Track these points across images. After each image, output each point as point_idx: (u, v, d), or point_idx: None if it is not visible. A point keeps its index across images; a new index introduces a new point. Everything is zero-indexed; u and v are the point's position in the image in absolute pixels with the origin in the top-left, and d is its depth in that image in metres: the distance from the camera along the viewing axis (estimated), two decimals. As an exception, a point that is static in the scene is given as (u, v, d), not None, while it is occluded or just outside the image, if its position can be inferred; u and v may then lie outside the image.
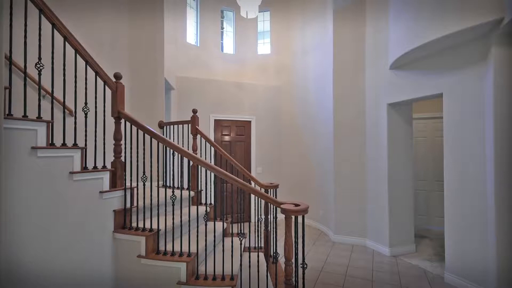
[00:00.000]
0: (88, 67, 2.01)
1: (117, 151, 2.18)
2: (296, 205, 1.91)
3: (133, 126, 2.17)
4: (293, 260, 1.91)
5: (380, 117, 3.96)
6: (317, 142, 5.05)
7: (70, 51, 1.97)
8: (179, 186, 3.80)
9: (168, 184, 3.34)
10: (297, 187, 5.59)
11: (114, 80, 2.17)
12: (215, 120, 5.37)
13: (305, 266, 1.90)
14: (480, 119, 2.72)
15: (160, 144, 2.11)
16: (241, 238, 2.05)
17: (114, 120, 2.18)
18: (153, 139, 2.12)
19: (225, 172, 2.06)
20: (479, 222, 2.73)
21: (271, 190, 3.02)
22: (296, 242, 1.91)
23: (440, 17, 2.69)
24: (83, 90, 2.02)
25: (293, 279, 1.92)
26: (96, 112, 2.09)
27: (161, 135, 2.12)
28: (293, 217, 1.90)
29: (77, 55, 1.94)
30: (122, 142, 2.22)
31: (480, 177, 2.72)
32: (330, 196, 4.56)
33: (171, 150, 2.14)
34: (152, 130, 2.13)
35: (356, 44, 4.31)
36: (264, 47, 6.13)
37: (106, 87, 2.14)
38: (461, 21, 2.51)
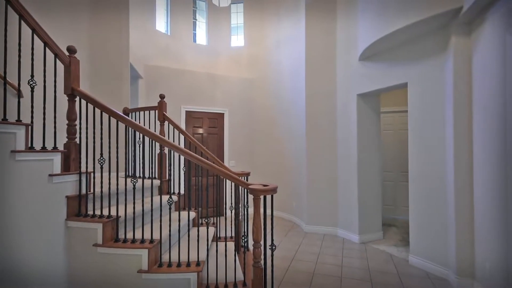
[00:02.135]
0: (35, 36, 1.81)
1: (70, 132, 1.98)
2: (265, 185, 1.86)
3: (94, 108, 1.99)
4: (262, 242, 1.85)
5: (350, 108, 4.05)
6: (290, 135, 5.07)
7: (13, 16, 1.76)
8: (148, 175, 3.60)
9: (132, 174, 3.15)
10: (270, 180, 5.56)
11: (67, 53, 1.98)
12: (186, 111, 5.19)
13: (274, 247, 1.85)
14: (442, 107, 2.86)
15: (124, 129, 1.95)
16: (207, 221, 1.95)
17: (67, 98, 1.98)
18: (115, 122, 1.96)
19: (192, 153, 1.95)
20: (440, 207, 2.86)
21: (243, 177, 2.94)
22: (265, 224, 1.85)
23: (403, 8, 2.78)
24: (30, 62, 1.81)
25: (262, 261, 1.86)
26: (44, 87, 1.88)
27: (122, 114, 1.96)
28: (261, 197, 1.84)
29: (21, 21, 1.74)
30: (77, 123, 2.03)
31: (441, 164, 2.86)
32: (303, 188, 4.59)
33: (132, 131, 2.00)
34: (112, 109, 1.96)
35: (327, 37, 4.38)
36: (237, 40, 6.05)
37: (59, 61, 1.94)
38: (422, 11, 2.61)
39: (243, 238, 2.14)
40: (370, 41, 3.25)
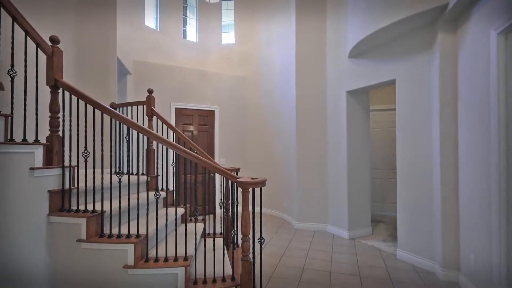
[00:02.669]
0: (15, 24, 1.74)
1: (53, 125, 1.92)
2: (253, 178, 1.84)
3: (78, 100, 1.93)
4: (250, 236, 1.84)
5: (340, 105, 4.08)
6: (281, 132, 5.07)
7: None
8: (135, 171, 3.53)
9: (120, 171, 3.09)
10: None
11: (50, 44, 1.91)
12: (176, 108, 5.13)
13: (263, 241, 1.84)
14: (428, 103, 2.90)
15: (109, 122, 1.90)
16: (195, 214, 1.93)
17: (50, 90, 1.92)
18: (100, 116, 1.91)
19: (179, 146, 1.92)
20: (426, 202, 2.90)
21: (233, 173, 2.92)
22: (254, 219, 1.84)
23: (390, 5, 2.82)
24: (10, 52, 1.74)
25: (250, 255, 1.84)
26: (26, 77, 1.82)
27: (107, 106, 1.91)
28: (250, 190, 1.83)
29: (1, 10, 1.67)
30: (61, 115, 1.97)
31: (427, 160, 2.90)
32: (293, 185, 4.59)
33: (118, 125, 1.95)
34: (97, 101, 1.91)
35: (317, 35, 4.40)
36: (228, 38, 6.02)
37: (41, 52, 1.88)
38: (408, 8, 2.64)
39: (232, 232, 2.12)
40: (358, 38, 3.28)
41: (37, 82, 1.85)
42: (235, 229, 2.31)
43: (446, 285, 2.53)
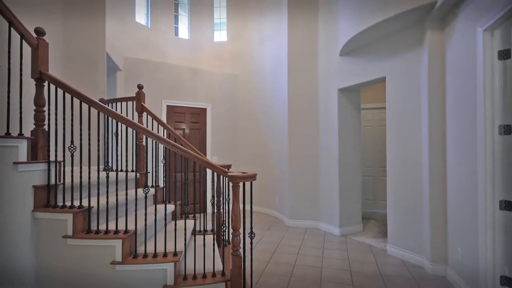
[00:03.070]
0: (-2, 14, 1.69)
1: (38, 119, 1.87)
2: (244, 173, 1.84)
3: (64, 94, 1.89)
4: (241, 231, 1.83)
5: (332, 103, 4.10)
6: (273, 130, 5.07)
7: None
8: (124, 168, 3.48)
9: (110, 168, 3.04)
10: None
11: (35, 36, 1.87)
12: (168, 106, 5.08)
13: (253, 235, 1.83)
14: (417, 100, 2.94)
15: (96, 117, 1.87)
16: (186, 209, 1.91)
17: (35, 83, 1.87)
18: (88, 111, 1.86)
19: (168, 140, 1.90)
20: (415, 197, 2.94)
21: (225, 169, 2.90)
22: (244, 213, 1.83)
23: (379, 3, 2.84)
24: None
25: (241, 250, 1.84)
26: (9, 69, 1.76)
27: (94, 100, 1.87)
28: (240, 185, 1.82)
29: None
30: (46, 109, 1.92)
31: (416, 157, 2.94)
32: (285, 183, 4.60)
33: (106, 120, 1.91)
34: (84, 94, 1.87)
35: (309, 33, 4.42)
36: (220, 36, 5.99)
37: (26, 44, 1.83)
38: (397, 6, 2.67)
39: (222, 227, 2.11)
40: (349, 36, 3.31)
41: (21, 74, 1.80)
42: (226, 224, 2.30)
43: (434, 278, 2.57)
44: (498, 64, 1.93)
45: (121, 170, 2.95)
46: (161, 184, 4.59)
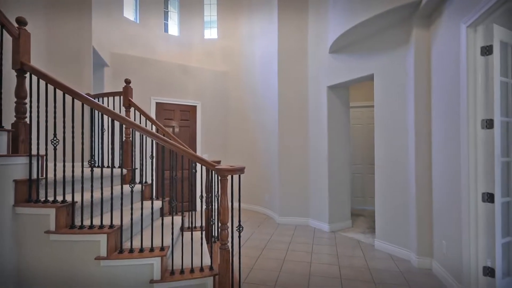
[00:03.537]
0: (-24, 2, 1.63)
1: (19, 111, 1.82)
2: (232, 166, 1.82)
3: (47, 85, 1.83)
4: (229, 224, 1.82)
5: (321, 101, 4.13)
6: (263, 128, 5.07)
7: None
8: (110, 164, 3.41)
9: (95, 163, 2.98)
10: (243, 174, 5.53)
11: (16, 25, 1.81)
12: (157, 103, 5.01)
13: (241, 229, 1.82)
14: (404, 97, 2.99)
15: (82, 111, 1.82)
16: (173, 204, 1.88)
17: (16, 74, 1.81)
18: (71, 103, 1.82)
19: (155, 133, 1.87)
20: (402, 193, 2.99)
21: (213, 166, 2.88)
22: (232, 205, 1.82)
23: (368, 1, 2.88)
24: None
25: (229, 243, 1.82)
26: (-12, 59, 1.70)
27: (78, 91, 1.82)
28: (228, 178, 1.81)
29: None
30: (28, 101, 1.86)
31: (403, 153, 2.99)
32: (276, 180, 4.61)
33: (90, 113, 1.87)
34: (67, 85, 1.82)
35: (299, 30, 4.44)
36: (211, 34, 5.95)
37: (7, 34, 1.77)
38: (384, 4, 2.71)
39: (211, 221, 2.09)
40: (338, 33, 3.34)
41: (1, 65, 1.74)
42: (215, 220, 2.28)
43: (420, 271, 2.62)
44: (480, 60, 1.98)
45: (108, 166, 2.89)
46: (149, 181, 4.52)
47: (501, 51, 1.94)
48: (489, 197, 1.94)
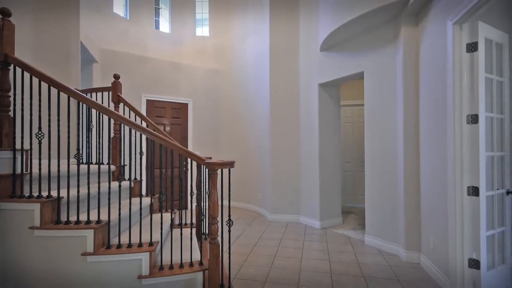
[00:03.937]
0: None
1: (3, 104, 1.77)
2: (221, 160, 1.82)
3: (31, 78, 1.78)
4: (219, 218, 1.81)
5: (312, 99, 4.16)
6: (255, 126, 5.07)
7: None
8: (99, 160, 3.34)
9: (81, 158, 2.92)
10: (235, 172, 5.52)
11: (0, 16, 1.76)
12: (147, 100, 4.96)
13: (231, 223, 1.81)
14: (393, 94, 3.04)
15: (68, 104, 1.78)
16: (162, 197, 1.86)
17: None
18: (56, 96, 1.78)
19: (144, 127, 1.85)
20: (391, 189, 3.04)
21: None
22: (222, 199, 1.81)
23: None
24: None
25: (219, 238, 1.81)
26: (-31, 50, 1.65)
27: (64, 84, 1.78)
28: (218, 172, 1.80)
29: None
30: (12, 94, 1.81)
31: (392, 150, 3.03)
32: (267, 179, 4.62)
33: (77, 107, 1.83)
34: (53, 78, 1.78)
35: (291, 29, 4.46)
36: (202, 32, 5.92)
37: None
38: (373, 2, 2.75)
39: (201, 216, 2.08)
40: (329, 31, 3.36)
41: (-17, 56, 1.69)
42: (205, 214, 2.26)
43: (408, 265, 2.66)
44: (466, 57, 2.02)
45: (96, 163, 2.84)
46: (136, 175, 4.47)
47: (486, 48, 1.99)
48: (474, 191, 1.99)
